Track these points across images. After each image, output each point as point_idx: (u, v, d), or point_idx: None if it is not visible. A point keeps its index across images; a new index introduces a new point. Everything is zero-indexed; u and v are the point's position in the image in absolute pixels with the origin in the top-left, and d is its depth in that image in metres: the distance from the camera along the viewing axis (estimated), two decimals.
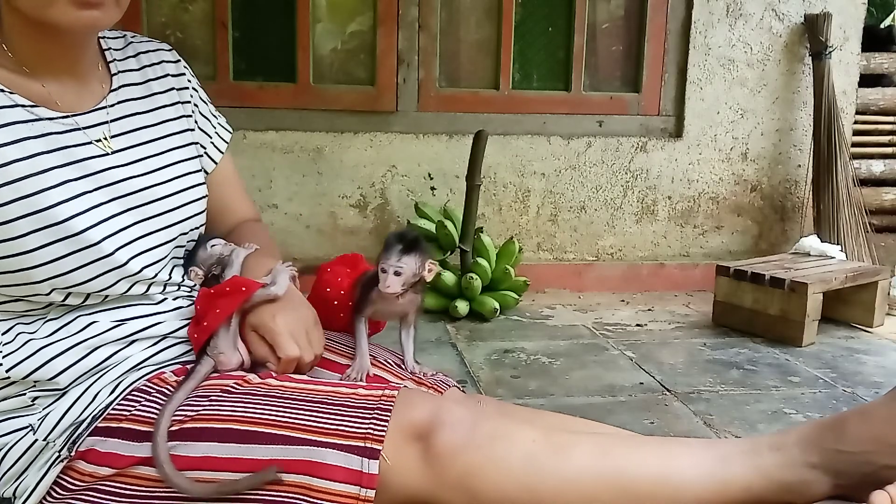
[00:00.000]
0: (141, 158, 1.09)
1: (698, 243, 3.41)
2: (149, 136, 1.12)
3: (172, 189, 1.12)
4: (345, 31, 3.18)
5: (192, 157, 1.18)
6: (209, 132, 1.25)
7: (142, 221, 1.07)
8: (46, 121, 0.99)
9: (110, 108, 1.08)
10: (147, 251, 1.07)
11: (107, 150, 1.05)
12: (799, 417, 1.94)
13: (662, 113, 3.34)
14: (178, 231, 1.13)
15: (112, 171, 1.04)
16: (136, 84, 1.14)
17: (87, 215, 0.99)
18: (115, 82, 1.11)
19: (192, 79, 1.24)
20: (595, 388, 2.11)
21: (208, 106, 1.26)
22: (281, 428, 0.95)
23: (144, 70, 1.16)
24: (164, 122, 1.15)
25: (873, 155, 3.78)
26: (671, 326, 2.75)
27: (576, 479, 0.94)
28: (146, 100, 1.14)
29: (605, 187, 3.29)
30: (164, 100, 1.17)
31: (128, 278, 1.05)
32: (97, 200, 1.01)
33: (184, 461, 0.95)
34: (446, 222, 2.87)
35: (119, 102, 1.10)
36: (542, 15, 3.27)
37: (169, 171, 1.13)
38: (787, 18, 3.30)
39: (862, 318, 2.74)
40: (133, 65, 1.15)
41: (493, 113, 3.22)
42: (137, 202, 1.06)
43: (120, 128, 1.08)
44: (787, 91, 3.37)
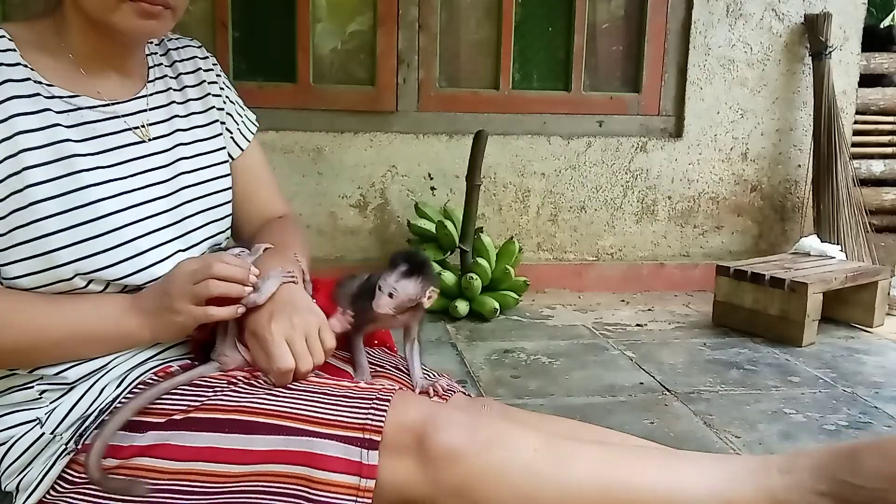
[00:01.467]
0: (173, 147, 1.13)
1: (698, 243, 3.41)
2: (182, 126, 1.16)
3: (199, 178, 1.15)
4: (345, 31, 3.18)
5: (219, 149, 1.21)
6: (237, 120, 1.27)
7: (170, 211, 1.09)
8: (85, 110, 1.03)
9: (150, 97, 1.13)
10: (170, 241, 1.08)
11: (145, 137, 1.09)
12: (799, 417, 1.94)
13: (662, 113, 3.34)
14: (208, 219, 1.16)
15: (147, 159, 1.08)
16: (171, 77, 1.18)
17: (115, 200, 1.02)
18: (152, 74, 1.15)
19: (221, 75, 1.28)
20: (595, 388, 2.11)
21: (236, 100, 1.30)
22: (281, 419, 0.95)
23: (175, 65, 1.20)
24: (193, 114, 1.19)
25: (873, 155, 3.78)
26: (671, 326, 2.75)
27: (577, 492, 0.93)
28: (179, 92, 1.18)
29: (605, 187, 3.29)
30: (194, 93, 1.20)
31: (147, 269, 1.05)
32: (128, 187, 1.04)
33: (187, 451, 0.95)
34: (446, 222, 2.87)
35: (157, 93, 1.14)
36: (542, 15, 3.27)
37: (197, 161, 1.16)
38: (787, 18, 3.30)
39: (862, 318, 2.74)
40: (166, 60, 1.20)
41: (493, 113, 3.22)
42: (166, 191, 1.09)
43: (157, 117, 1.13)
44: (787, 91, 3.37)
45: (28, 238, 0.96)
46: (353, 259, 3.11)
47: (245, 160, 1.28)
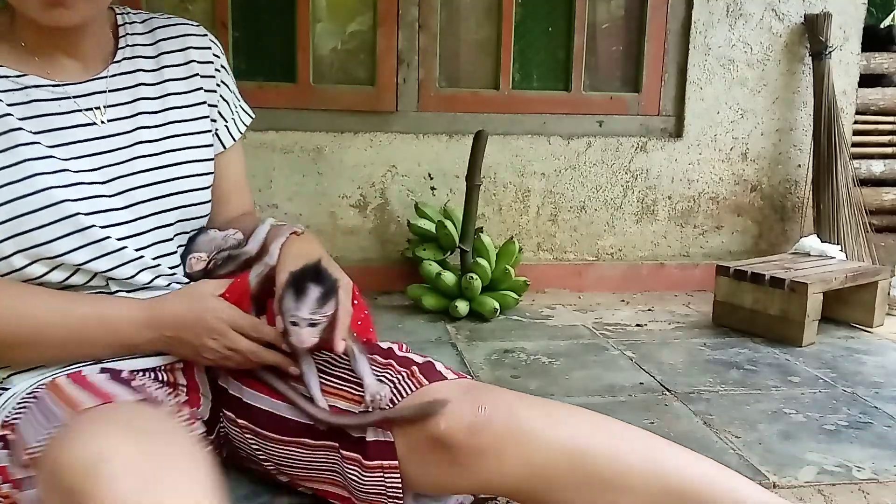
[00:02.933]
0: (133, 129, 1.08)
1: (698, 243, 3.41)
2: (149, 108, 1.11)
3: (158, 163, 1.09)
4: (345, 31, 3.18)
5: (204, 145, 1.16)
6: (226, 115, 1.23)
7: (121, 194, 1.05)
8: (32, 88, 1.02)
9: (110, 79, 1.08)
10: (119, 224, 1.05)
11: (97, 120, 1.05)
12: (799, 417, 1.94)
13: (662, 113, 3.34)
14: (166, 206, 1.10)
15: (99, 142, 1.05)
16: (146, 57, 1.13)
17: (56, 176, 0.99)
18: (119, 55, 1.11)
19: (219, 57, 1.23)
20: (595, 388, 2.11)
21: (233, 89, 1.25)
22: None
23: (159, 44, 1.15)
24: (170, 96, 1.13)
25: (873, 155, 3.78)
26: (671, 326, 2.75)
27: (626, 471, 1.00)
28: (154, 73, 1.13)
29: (605, 187, 3.29)
30: (177, 73, 1.15)
31: (110, 255, 1.03)
32: (73, 167, 1.01)
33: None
34: (446, 222, 2.87)
35: (122, 73, 1.10)
36: (542, 15, 3.27)
37: (159, 145, 1.10)
38: (787, 18, 3.30)
39: (862, 318, 2.74)
40: (146, 39, 1.15)
41: (493, 113, 3.22)
42: (120, 173, 1.05)
43: (117, 99, 1.08)
44: (787, 91, 3.37)
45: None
46: (353, 259, 3.11)
47: (227, 157, 1.24)
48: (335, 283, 1.01)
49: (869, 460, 1.71)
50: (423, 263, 2.82)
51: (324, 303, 0.99)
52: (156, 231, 1.09)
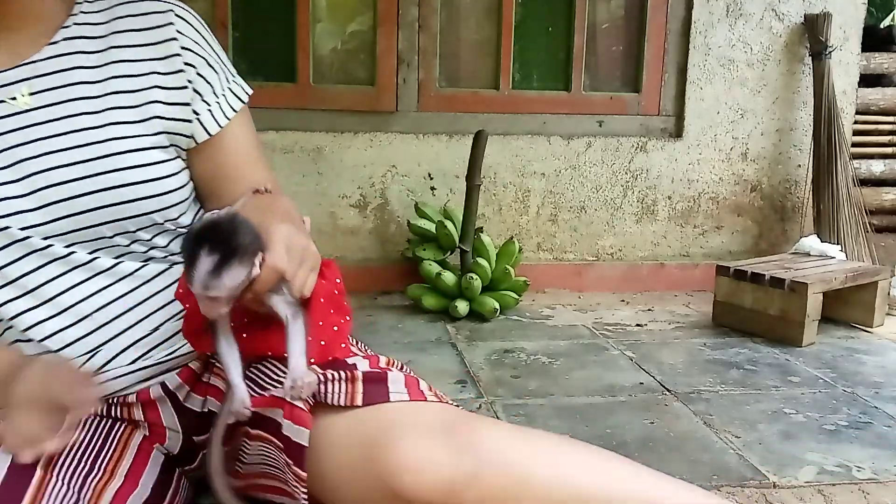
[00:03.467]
0: (62, 117, 0.95)
1: (698, 243, 3.41)
2: (83, 94, 0.97)
3: (87, 155, 0.95)
4: (345, 31, 3.18)
5: (148, 134, 1.00)
6: (208, 99, 1.05)
7: (38, 191, 0.92)
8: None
9: (41, 62, 0.96)
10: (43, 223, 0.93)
11: (19, 107, 0.93)
12: (799, 417, 1.94)
13: (662, 113, 3.34)
14: (88, 205, 0.94)
15: (15, 133, 0.92)
16: (91, 38, 1.00)
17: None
18: (59, 35, 0.98)
19: (186, 34, 1.04)
20: (595, 388, 2.11)
21: (218, 69, 1.08)
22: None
23: (113, 23, 1.02)
24: (112, 79, 0.99)
25: (873, 155, 3.78)
26: (671, 326, 2.75)
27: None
28: (97, 55, 0.99)
29: (605, 187, 3.29)
30: (127, 55, 1.00)
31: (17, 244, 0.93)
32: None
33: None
34: (446, 222, 2.87)
35: (55, 56, 0.97)
36: (542, 15, 3.27)
37: (92, 135, 0.95)
38: (787, 18, 3.30)
39: (862, 318, 2.74)
40: (99, 18, 1.02)
41: (493, 113, 3.22)
42: (36, 168, 0.92)
43: (47, 83, 0.96)
44: (787, 91, 3.37)
45: None
46: (354, 259, 3.11)
47: (226, 138, 1.07)
48: (248, 244, 0.78)
49: (869, 460, 1.71)
50: (423, 263, 2.82)
51: (220, 272, 0.76)
52: (80, 232, 0.95)
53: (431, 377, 2.15)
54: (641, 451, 1.74)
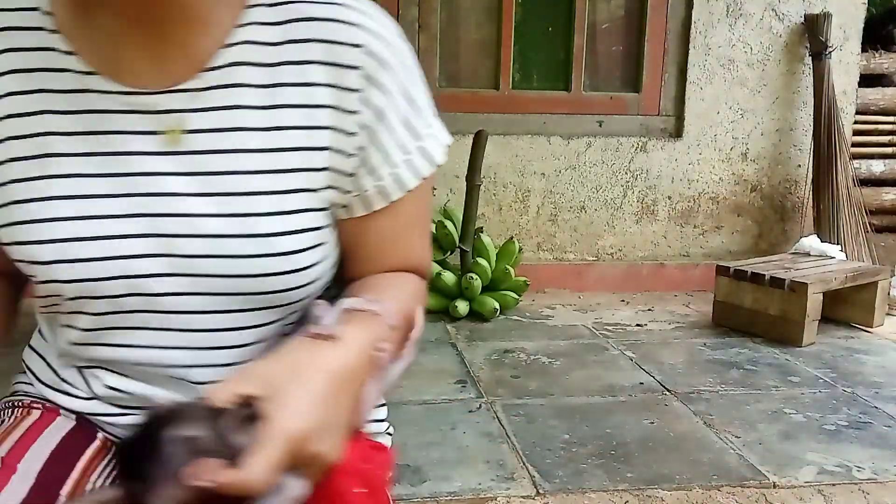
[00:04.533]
0: (209, 172, 0.70)
1: (698, 243, 3.41)
2: (240, 145, 0.70)
3: (247, 230, 0.70)
4: None
5: (313, 209, 0.72)
6: (381, 172, 0.74)
7: (174, 258, 0.70)
8: (95, 94, 0.69)
9: (200, 93, 0.70)
10: (168, 294, 0.71)
11: (165, 147, 0.70)
12: (799, 417, 1.94)
13: (662, 113, 3.34)
14: (235, 288, 0.71)
15: (156, 179, 0.70)
16: (259, 65, 0.70)
17: (74, 225, 0.69)
18: (221, 59, 0.70)
19: (377, 97, 0.71)
20: (595, 388, 2.11)
21: (404, 131, 0.75)
22: None
23: (285, 47, 0.70)
24: (282, 130, 0.70)
25: (873, 155, 3.79)
26: (671, 326, 2.75)
27: None
28: (266, 91, 0.70)
29: (605, 187, 3.29)
30: (292, 112, 0.71)
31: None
32: (110, 209, 0.69)
33: None
34: (446, 222, 2.87)
35: (218, 87, 0.70)
36: (542, 15, 3.27)
37: (243, 205, 0.70)
38: (787, 18, 3.30)
39: (862, 318, 2.74)
40: (271, 36, 0.71)
41: (493, 113, 3.22)
42: (171, 229, 0.70)
43: (204, 122, 0.70)
44: (787, 91, 3.37)
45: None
46: None
47: (387, 215, 0.77)
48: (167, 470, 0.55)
49: (869, 460, 1.71)
50: None
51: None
52: (227, 315, 0.73)
53: (431, 377, 2.16)
54: (641, 451, 1.74)
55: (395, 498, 1.49)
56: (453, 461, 1.67)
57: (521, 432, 1.82)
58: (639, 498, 1.55)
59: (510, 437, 1.79)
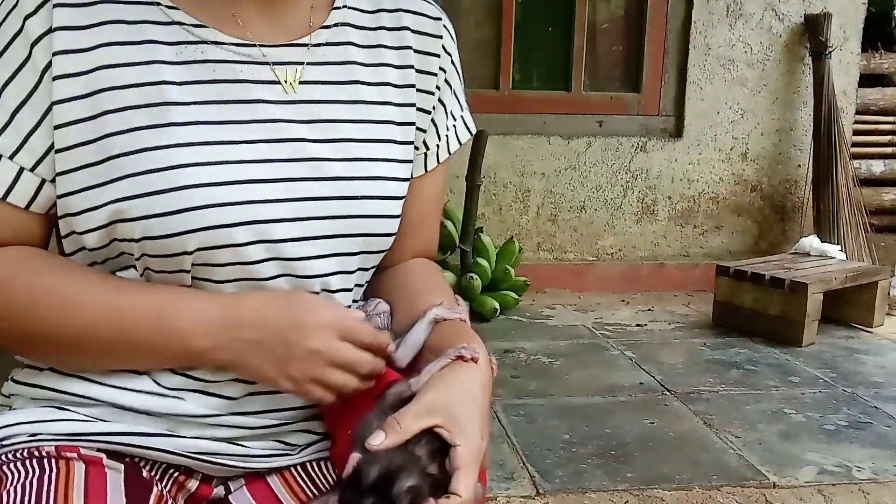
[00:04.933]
0: (327, 120, 0.75)
1: (698, 243, 3.41)
2: (357, 97, 0.77)
3: (355, 172, 0.75)
4: None
5: (405, 160, 0.81)
6: (441, 132, 0.86)
7: (300, 201, 0.72)
8: (210, 45, 0.72)
9: (315, 48, 0.76)
10: (300, 240, 0.73)
11: (286, 96, 0.74)
12: (799, 417, 1.94)
13: (662, 113, 3.34)
14: (350, 229, 0.75)
15: (280, 125, 0.73)
16: (360, 28, 0.80)
17: (206, 170, 0.69)
18: (332, 18, 0.78)
19: (450, 53, 0.86)
20: (595, 388, 2.11)
21: (456, 101, 0.88)
22: None
23: (380, 15, 0.81)
24: (386, 86, 0.80)
25: (873, 155, 3.79)
26: (671, 326, 2.75)
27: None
28: (367, 51, 0.79)
29: (605, 187, 3.29)
30: (393, 59, 0.81)
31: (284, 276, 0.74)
32: (236, 155, 0.71)
33: None
34: (446, 222, 2.87)
35: (329, 44, 0.77)
36: (542, 15, 3.27)
37: (360, 149, 0.76)
38: (787, 18, 3.30)
39: (862, 318, 2.74)
40: (365, 4, 0.81)
41: (493, 113, 3.22)
42: (299, 173, 0.73)
43: (319, 75, 0.76)
44: (787, 91, 3.37)
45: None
46: None
47: (428, 181, 0.87)
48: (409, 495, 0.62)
49: (869, 460, 1.71)
50: None
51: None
52: (338, 258, 0.76)
53: None
54: (641, 451, 1.74)
55: None
56: None
57: (521, 432, 1.82)
58: (639, 498, 1.55)
59: (510, 437, 1.79)
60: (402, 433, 0.64)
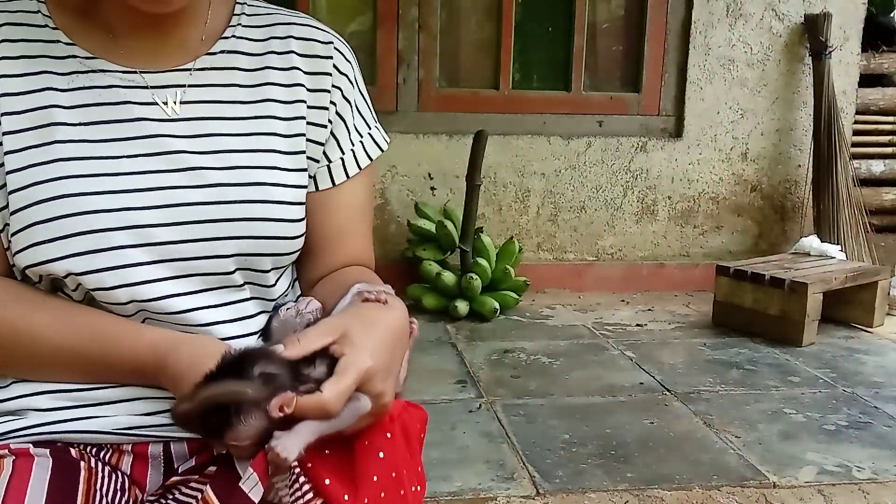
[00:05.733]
0: (208, 134, 0.83)
1: (698, 243, 3.41)
2: (234, 114, 0.86)
3: (232, 179, 0.82)
4: (345, 31, 3.18)
5: (296, 169, 0.88)
6: (351, 140, 0.93)
7: (173, 207, 0.80)
8: (98, 73, 0.82)
9: (197, 72, 0.86)
10: (164, 243, 0.80)
11: (166, 115, 0.82)
12: (799, 417, 1.94)
13: (662, 113, 3.34)
14: (224, 232, 0.82)
15: (159, 140, 0.81)
16: (247, 54, 0.89)
17: (87, 181, 0.77)
18: (217, 47, 0.88)
19: (342, 72, 0.93)
20: (595, 388, 2.11)
21: (360, 117, 0.95)
22: None
23: (269, 42, 0.90)
24: (267, 101, 0.87)
25: (873, 155, 3.78)
26: (671, 326, 2.75)
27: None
28: (252, 73, 0.88)
29: (605, 187, 3.29)
30: (277, 89, 0.89)
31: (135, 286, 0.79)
32: (116, 168, 0.79)
33: None
34: (446, 222, 2.87)
35: (213, 69, 0.86)
36: (542, 15, 3.27)
37: (238, 158, 0.84)
38: (787, 18, 3.30)
39: (862, 318, 2.74)
40: (257, 35, 0.91)
41: (493, 113, 3.22)
42: (171, 182, 0.80)
43: (199, 95, 0.85)
44: (787, 91, 3.37)
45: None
46: None
47: (345, 193, 0.93)
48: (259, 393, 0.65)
49: (869, 460, 1.71)
50: (423, 263, 2.82)
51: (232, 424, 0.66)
52: (220, 259, 0.82)
53: (431, 377, 2.16)
54: (641, 451, 1.74)
55: None
56: (453, 461, 1.67)
57: (521, 432, 1.82)
58: (639, 498, 1.55)
59: (510, 437, 1.79)
60: (300, 348, 0.69)
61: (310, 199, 0.91)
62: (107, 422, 0.81)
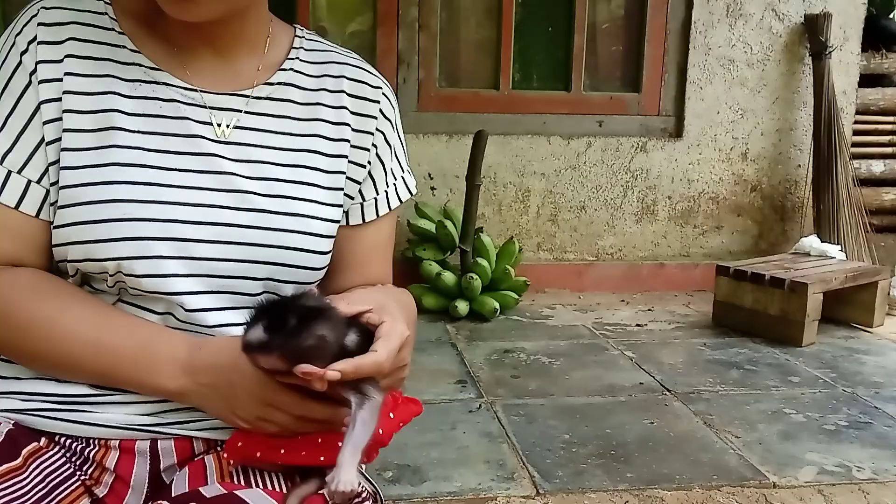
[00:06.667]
0: (256, 161, 0.87)
1: (698, 243, 3.41)
2: (283, 144, 0.89)
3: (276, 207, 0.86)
4: (345, 31, 3.18)
5: (327, 203, 0.91)
6: (379, 186, 0.97)
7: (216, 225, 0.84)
8: (162, 86, 0.85)
9: (253, 100, 0.89)
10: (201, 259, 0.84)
11: (217, 136, 0.86)
12: (799, 417, 1.94)
13: (662, 113, 3.34)
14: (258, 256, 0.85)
15: (210, 159, 0.85)
16: (302, 88, 0.93)
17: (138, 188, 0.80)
18: (276, 78, 0.92)
19: (387, 117, 0.99)
20: (595, 388, 2.11)
21: (396, 161, 1.01)
22: None
23: (325, 80, 0.95)
24: (314, 137, 0.91)
25: (873, 155, 3.78)
26: (671, 326, 2.75)
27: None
28: (304, 107, 0.92)
29: (605, 187, 3.29)
30: (325, 126, 0.93)
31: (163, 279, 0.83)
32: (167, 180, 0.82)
33: None
34: (446, 222, 2.87)
35: (269, 98, 0.90)
36: (542, 15, 3.27)
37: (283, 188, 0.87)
38: (787, 18, 3.30)
39: (862, 318, 2.74)
40: (312, 70, 0.95)
41: (493, 113, 3.22)
42: (217, 201, 0.84)
43: (253, 122, 0.88)
44: (787, 91, 3.37)
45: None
46: None
47: (371, 230, 0.98)
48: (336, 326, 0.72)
49: (869, 460, 1.71)
50: (423, 263, 2.82)
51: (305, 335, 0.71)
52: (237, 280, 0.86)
53: (431, 377, 2.16)
54: (641, 451, 1.74)
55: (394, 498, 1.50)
56: (453, 461, 1.67)
57: (521, 432, 1.82)
58: (639, 498, 1.55)
59: (510, 437, 1.79)
60: (349, 308, 0.75)
61: (338, 231, 0.94)
62: (100, 418, 0.84)
